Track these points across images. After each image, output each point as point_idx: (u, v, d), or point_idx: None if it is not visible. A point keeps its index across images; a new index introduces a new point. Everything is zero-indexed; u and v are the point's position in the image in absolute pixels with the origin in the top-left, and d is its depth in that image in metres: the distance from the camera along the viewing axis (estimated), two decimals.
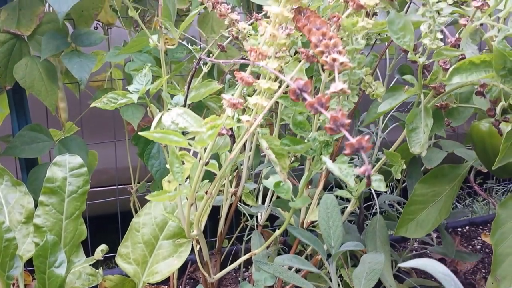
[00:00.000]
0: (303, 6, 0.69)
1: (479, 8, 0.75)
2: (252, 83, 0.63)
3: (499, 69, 0.66)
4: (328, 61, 0.57)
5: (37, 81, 1.24)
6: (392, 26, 0.77)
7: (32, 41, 1.26)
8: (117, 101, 0.88)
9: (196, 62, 0.85)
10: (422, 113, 0.80)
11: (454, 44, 0.79)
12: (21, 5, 1.25)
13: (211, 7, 0.94)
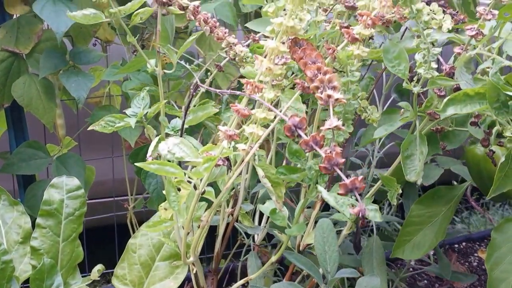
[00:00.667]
0: (299, 37, 0.70)
1: (473, 37, 0.76)
2: (248, 115, 0.64)
3: (493, 102, 0.66)
4: (323, 97, 0.57)
5: (35, 99, 1.25)
6: (387, 55, 0.77)
7: (31, 59, 1.26)
8: (114, 124, 0.89)
9: (193, 89, 0.85)
10: (417, 140, 0.80)
11: (449, 72, 0.79)
12: (20, 23, 1.26)
13: (209, 31, 0.95)
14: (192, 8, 0.90)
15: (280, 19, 0.61)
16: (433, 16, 0.81)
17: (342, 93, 0.70)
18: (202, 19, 0.93)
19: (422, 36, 0.71)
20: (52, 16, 1.13)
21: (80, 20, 0.85)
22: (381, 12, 0.69)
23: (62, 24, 1.13)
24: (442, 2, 0.98)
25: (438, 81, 0.74)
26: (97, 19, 0.85)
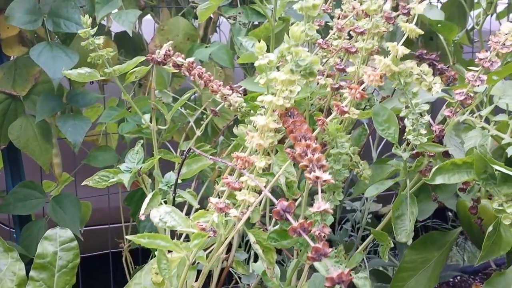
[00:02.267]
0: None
1: (462, 102, 0.77)
2: (239, 188, 0.65)
3: (480, 173, 0.67)
4: (312, 178, 0.58)
5: (31, 141, 1.26)
6: (377, 118, 0.78)
7: (27, 101, 1.27)
8: (108, 179, 0.90)
9: (185, 153, 0.86)
10: (407, 200, 0.81)
11: (439, 135, 0.81)
12: (17, 65, 1.27)
13: (203, 85, 0.96)
14: (187, 65, 0.92)
15: (269, 97, 0.62)
16: (423, 78, 0.83)
17: (332, 163, 0.71)
18: (197, 74, 0.94)
19: (411, 106, 0.72)
20: (49, 62, 1.15)
21: (76, 78, 0.87)
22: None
23: (59, 71, 1.14)
24: (434, 56, 1.00)
25: (427, 147, 0.75)
26: (91, 78, 0.86)
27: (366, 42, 0.73)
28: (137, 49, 1.48)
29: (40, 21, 1.19)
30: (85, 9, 1.22)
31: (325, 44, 0.92)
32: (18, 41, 1.28)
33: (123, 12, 1.22)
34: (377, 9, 0.71)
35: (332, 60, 0.94)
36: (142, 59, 0.88)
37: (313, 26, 0.61)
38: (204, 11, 0.87)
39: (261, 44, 0.66)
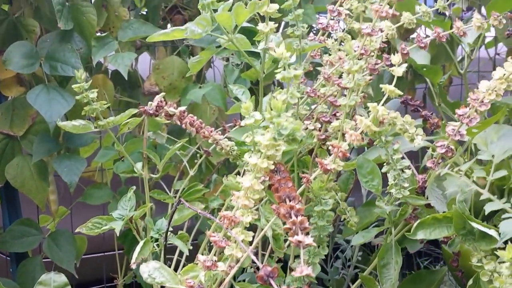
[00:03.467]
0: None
1: (443, 154, 0.80)
2: (224, 246, 0.67)
3: (459, 229, 0.69)
4: (294, 241, 0.60)
5: (28, 180, 1.28)
6: (361, 170, 0.81)
7: (25, 141, 1.30)
8: (101, 227, 0.92)
9: (174, 205, 0.88)
10: (393, 249, 0.83)
11: (421, 186, 0.83)
12: (15, 106, 1.30)
13: (195, 132, 0.99)
14: (179, 114, 0.95)
15: (254, 159, 0.64)
16: (406, 128, 0.86)
17: (317, 219, 0.73)
18: (188, 122, 0.97)
19: (392, 162, 0.74)
20: (45, 105, 1.17)
21: (70, 129, 0.89)
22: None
23: (55, 114, 1.17)
24: (418, 102, 1.03)
25: (410, 200, 0.77)
26: (86, 129, 0.89)
27: (349, 99, 0.76)
28: (133, 86, 1.51)
29: (37, 65, 1.22)
30: (81, 52, 1.25)
31: (313, 92, 0.95)
32: (16, 82, 1.31)
33: (119, 55, 1.25)
34: (358, 69, 0.73)
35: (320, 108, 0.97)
36: (134, 111, 0.91)
37: (295, 94, 0.64)
38: (195, 64, 0.90)
39: (247, 104, 0.69)
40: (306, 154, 1.00)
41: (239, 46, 0.87)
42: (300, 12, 0.82)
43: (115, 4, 1.34)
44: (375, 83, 1.21)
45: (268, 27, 0.84)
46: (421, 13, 0.87)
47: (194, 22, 0.79)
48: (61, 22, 1.19)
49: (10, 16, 1.30)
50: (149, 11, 1.46)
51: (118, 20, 1.35)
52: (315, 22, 1.41)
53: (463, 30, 0.83)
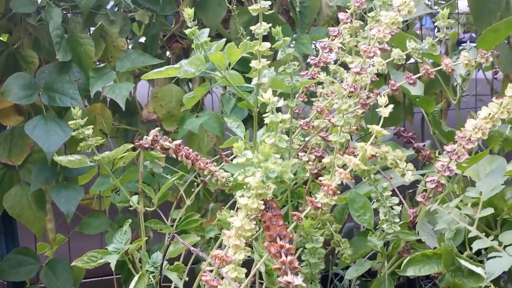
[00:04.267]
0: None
1: (433, 189, 0.81)
2: (216, 286, 0.68)
3: (448, 265, 0.70)
4: (283, 282, 0.61)
5: (26, 209, 1.29)
6: (353, 204, 0.82)
7: (23, 170, 1.31)
8: (97, 260, 0.93)
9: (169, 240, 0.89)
10: (385, 282, 0.84)
11: (413, 220, 0.84)
12: (13, 135, 1.31)
13: (190, 164, 1.00)
14: (174, 147, 0.96)
15: (245, 200, 0.65)
16: (397, 163, 0.87)
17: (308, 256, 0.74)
18: (184, 155, 0.98)
19: (382, 200, 0.76)
20: (43, 136, 1.19)
21: (67, 164, 0.91)
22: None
23: (53, 144, 1.18)
24: (410, 134, 1.04)
25: (401, 235, 0.78)
26: (81, 164, 0.90)
27: (339, 136, 0.77)
28: (131, 113, 1.52)
29: (35, 96, 1.24)
30: (80, 83, 1.27)
31: (306, 125, 0.96)
32: (14, 111, 1.33)
33: (117, 86, 1.27)
34: (347, 108, 0.75)
35: (314, 140, 0.98)
36: (129, 146, 0.92)
37: (283, 138, 0.65)
38: (190, 100, 0.91)
39: (239, 144, 0.70)
40: (301, 185, 1.01)
41: (233, 82, 0.89)
42: (291, 51, 0.84)
43: (113, 35, 1.36)
44: (369, 113, 1.22)
45: (261, 64, 0.86)
46: (411, 49, 0.89)
47: (188, 62, 0.81)
48: (59, 54, 1.22)
49: (9, 46, 1.32)
50: (147, 40, 1.48)
51: (116, 50, 1.37)
52: (311, 51, 1.43)
53: (451, 67, 0.85)
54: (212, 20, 1.44)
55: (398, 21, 0.74)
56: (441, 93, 1.75)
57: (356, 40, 0.99)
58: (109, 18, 1.34)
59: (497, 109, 0.71)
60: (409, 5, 0.73)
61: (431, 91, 1.66)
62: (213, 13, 1.43)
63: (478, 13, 1.54)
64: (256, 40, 0.82)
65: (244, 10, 1.43)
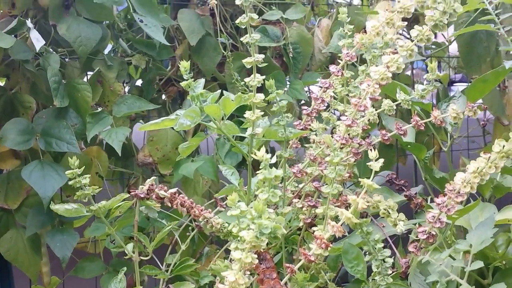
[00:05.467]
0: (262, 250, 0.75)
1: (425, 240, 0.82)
2: None
3: None
4: None
5: (21, 253, 1.29)
6: (346, 256, 0.83)
7: (19, 213, 1.32)
8: None
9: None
10: None
11: (405, 271, 0.85)
12: (10, 179, 1.32)
13: (186, 212, 1.01)
14: (170, 196, 0.97)
15: (238, 253, 0.66)
16: (389, 213, 0.88)
17: None
18: (179, 203, 0.99)
19: (374, 252, 0.77)
20: (39, 181, 1.20)
21: (63, 213, 0.92)
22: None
23: (49, 189, 1.19)
24: (402, 182, 1.06)
25: (393, 287, 0.79)
26: (78, 213, 0.91)
27: (332, 188, 0.79)
28: (127, 156, 1.54)
29: (32, 141, 1.25)
30: (76, 128, 1.29)
31: (300, 173, 0.98)
32: (11, 155, 1.34)
33: (113, 131, 1.29)
34: (339, 161, 0.76)
35: (307, 187, 1.00)
36: (125, 196, 0.93)
37: (276, 193, 0.67)
38: (185, 150, 0.93)
39: (233, 196, 0.72)
40: (295, 232, 1.02)
41: (227, 132, 0.90)
42: (284, 104, 0.86)
43: (110, 80, 1.38)
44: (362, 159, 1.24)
45: (255, 115, 0.88)
46: (400, 100, 0.91)
47: (184, 114, 0.83)
48: (57, 100, 1.24)
49: (7, 91, 1.34)
50: (143, 84, 1.51)
51: (113, 94, 1.39)
52: (304, 96, 1.46)
53: (440, 119, 0.87)
54: (207, 65, 1.47)
55: (387, 77, 0.77)
56: (434, 135, 1.77)
57: (347, 90, 1.02)
58: (106, 63, 1.37)
59: (485, 164, 0.72)
60: (397, 62, 0.75)
61: (424, 133, 1.69)
62: (208, 58, 1.46)
63: (468, 58, 1.58)
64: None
65: (238, 55, 1.46)
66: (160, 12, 1.37)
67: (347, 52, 0.88)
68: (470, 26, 1.43)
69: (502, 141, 0.71)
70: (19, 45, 1.24)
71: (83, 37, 1.29)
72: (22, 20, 1.23)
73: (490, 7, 0.86)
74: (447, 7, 0.66)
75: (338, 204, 0.94)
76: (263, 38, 1.43)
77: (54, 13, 1.30)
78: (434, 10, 0.68)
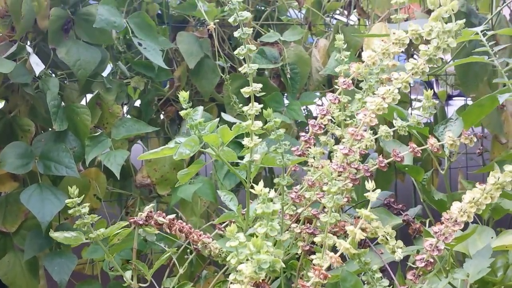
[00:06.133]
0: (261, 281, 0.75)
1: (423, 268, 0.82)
2: None
3: None
4: None
5: (19, 277, 1.29)
6: (344, 283, 0.83)
7: (17, 236, 1.32)
8: None
9: None
10: None
11: None
12: (8, 201, 1.32)
13: (184, 237, 1.01)
14: (168, 222, 0.98)
15: (237, 287, 0.67)
16: (387, 239, 0.89)
17: None
18: (178, 228, 1.00)
19: (372, 282, 0.77)
20: (38, 206, 1.20)
21: (62, 241, 0.92)
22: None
23: (48, 214, 1.20)
24: (400, 206, 1.07)
25: None
26: (77, 241, 0.92)
27: (330, 217, 0.79)
28: (125, 177, 1.54)
29: (31, 165, 1.26)
30: (75, 151, 1.29)
31: (298, 198, 0.98)
32: (10, 177, 1.34)
33: (112, 154, 1.30)
34: (336, 190, 0.77)
35: (306, 212, 1.00)
36: (124, 224, 0.93)
37: (275, 226, 0.67)
38: (184, 176, 0.94)
39: (232, 227, 0.72)
40: (294, 257, 1.02)
41: (226, 159, 0.91)
42: (282, 132, 0.87)
43: (109, 102, 1.39)
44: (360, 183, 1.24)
45: (253, 142, 0.89)
46: (397, 127, 0.92)
47: (183, 144, 0.83)
48: (56, 124, 1.24)
49: (6, 115, 1.35)
50: (142, 105, 1.51)
51: (112, 116, 1.40)
52: (302, 117, 1.47)
53: (436, 147, 0.88)
54: (205, 87, 1.48)
55: (383, 108, 0.78)
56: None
57: (344, 115, 1.02)
58: (105, 86, 1.38)
59: (480, 195, 0.73)
60: (393, 93, 0.76)
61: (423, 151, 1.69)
62: (206, 80, 1.47)
63: (465, 77, 1.59)
64: (249, 103, 0.85)
65: (236, 76, 1.47)
66: (159, 35, 1.38)
67: (343, 81, 0.88)
68: (467, 45, 1.44)
69: (497, 173, 0.72)
70: (19, 68, 1.25)
71: (82, 60, 1.30)
72: (21, 45, 1.24)
73: (484, 38, 0.87)
74: (440, 42, 0.66)
75: (337, 230, 0.95)
76: (261, 60, 1.44)
77: (54, 37, 1.30)
78: (428, 45, 0.69)
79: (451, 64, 1.07)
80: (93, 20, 1.28)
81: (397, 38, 0.76)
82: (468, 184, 1.25)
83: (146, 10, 1.50)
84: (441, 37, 0.65)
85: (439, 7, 0.64)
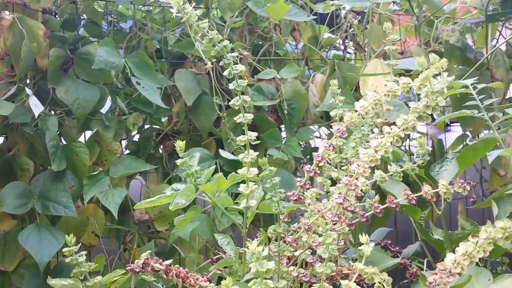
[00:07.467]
0: None
1: None
2: None
3: None
4: None
5: None
6: None
7: (15, 275, 1.32)
8: None
9: None
10: None
11: None
12: (7, 240, 1.32)
13: (181, 282, 1.02)
14: (165, 268, 0.98)
15: None
16: (384, 286, 0.89)
17: None
18: (175, 274, 1.00)
19: None
20: (36, 246, 1.20)
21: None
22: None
23: (46, 255, 1.20)
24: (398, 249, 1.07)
25: None
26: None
27: (325, 267, 0.80)
28: (123, 211, 1.54)
29: (30, 204, 1.26)
30: (73, 190, 1.30)
31: (294, 242, 0.99)
32: (8, 216, 1.34)
33: (110, 193, 1.30)
34: (331, 242, 0.78)
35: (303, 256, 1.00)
36: (121, 272, 0.94)
37: (269, 285, 0.68)
38: (181, 222, 0.94)
39: (227, 281, 0.72)
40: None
41: (221, 205, 0.92)
42: (277, 181, 0.88)
43: (108, 139, 1.40)
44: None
45: (249, 188, 0.90)
46: (392, 172, 0.93)
47: (179, 194, 0.84)
48: (54, 164, 1.25)
49: (5, 153, 1.35)
50: (141, 141, 1.52)
51: (110, 153, 1.41)
52: (299, 154, 1.48)
53: (430, 194, 0.88)
54: (203, 123, 1.49)
55: (376, 159, 0.78)
56: None
57: (340, 157, 1.03)
58: (104, 123, 1.39)
59: (473, 248, 0.74)
60: (385, 146, 0.77)
61: None
62: (204, 117, 1.48)
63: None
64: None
65: (234, 111, 1.48)
66: (157, 73, 1.39)
67: (337, 129, 0.89)
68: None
69: (489, 227, 0.73)
70: (18, 109, 1.26)
71: (81, 99, 1.31)
72: (21, 87, 1.25)
73: (474, 92, 0.88)
74: (430, 101, 0.68)
75: (334, 275, 0.95)
76: (258, 97, 1.45)
77: (53, 77, 1.32)
78: (418, 103, 0.70)
79: (446, 116, 1.08)
80: (92, 59, 1.29)
81: (389, 90, 0.77)
82: (466, 223, 1.25)
83: (144, 46, 1.52)
84: (430, 97, 0.66)
85: (427, 69, 0.65)
